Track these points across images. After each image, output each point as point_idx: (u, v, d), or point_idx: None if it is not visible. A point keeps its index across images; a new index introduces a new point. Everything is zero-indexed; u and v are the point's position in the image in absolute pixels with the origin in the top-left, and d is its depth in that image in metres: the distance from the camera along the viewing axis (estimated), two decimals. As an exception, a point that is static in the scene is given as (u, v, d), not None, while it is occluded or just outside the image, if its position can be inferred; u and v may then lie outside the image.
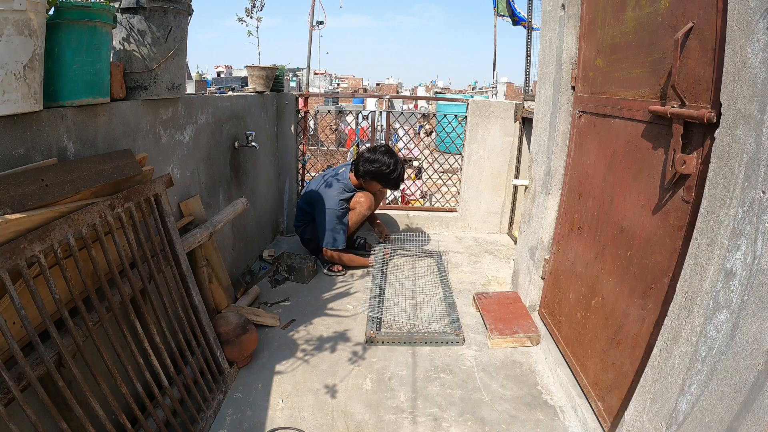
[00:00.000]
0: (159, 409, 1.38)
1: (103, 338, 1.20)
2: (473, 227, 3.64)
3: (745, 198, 0.91)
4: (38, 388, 0.95)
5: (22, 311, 0.93)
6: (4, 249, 0.91)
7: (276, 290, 2.53)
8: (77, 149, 1.30)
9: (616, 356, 1.45)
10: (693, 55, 1.14)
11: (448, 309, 2.30)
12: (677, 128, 1.17)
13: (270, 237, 3.24)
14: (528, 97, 3.47)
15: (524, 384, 1.80)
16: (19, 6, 1.00)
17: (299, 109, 3.39)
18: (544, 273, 2.15)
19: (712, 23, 1.06)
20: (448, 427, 1.57)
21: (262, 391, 1.70)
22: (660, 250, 1.26)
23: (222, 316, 1.85)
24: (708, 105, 1.08)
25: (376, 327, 2.12)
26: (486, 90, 16.62)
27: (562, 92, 1.99)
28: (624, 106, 1.50)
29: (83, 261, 1.17)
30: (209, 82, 9.06)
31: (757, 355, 0.85)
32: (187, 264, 1.65)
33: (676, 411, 1.06)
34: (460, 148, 3.63)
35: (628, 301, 1.41)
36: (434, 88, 26.49)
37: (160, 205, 1.53)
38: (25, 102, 1.06)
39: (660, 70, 1.31)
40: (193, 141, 1.99)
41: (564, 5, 1.96)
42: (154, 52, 1.58)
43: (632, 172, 1.44)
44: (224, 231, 2.33)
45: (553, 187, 2.07)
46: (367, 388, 1.75)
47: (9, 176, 1.01)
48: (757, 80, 0.88)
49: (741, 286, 0.90)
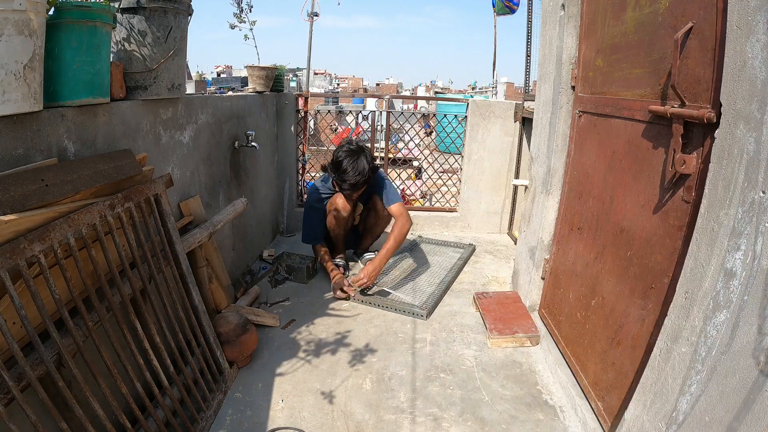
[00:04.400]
0: (159, 409, 1.38)
1: (103, 338, 1.20)
2: (473, 227, 3.64)
3: (745, 198, 0.91)
4: (38, 388, 0.95)
5: (22, 311, 0.93)
6: (4, 249, 0.91)
7: (276, 290, 2.53)
8: (77, 149, 1.30)
9: (616, 356, 1.45)
10: (693, 55, 1.14)
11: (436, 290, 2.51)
12: (677, 128, 1.17)
13: (270, 237, 3.24)
14: (528, 97, 3.46)
15: (524, 384, 1.80)
16: (19, 6, 1.00)
17: (299, 109, 3.39)
18: (544, 273, 2.15)
19: (712, 23, 1.06)
20: (448, 427, 1.57)
21: (262, 391, 1.70)
22: (660, 250, 1.26)
23: (222, 316, 1.85)
24: (708, 105, 1.08)
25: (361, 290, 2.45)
26: (486, 90, 16.61)
27: (562, 92, 1.99)
28: (624, 106, 1.50)
29: (83, 261, 1.17)
30: (209, 82, 9.04)
31: (757, 355, 0.85)
32: (187, 264, 1.65)
33: (676, 411, 1.06)
34: (460, 148, 3.63)
35: (628, 301, 1.41)
36: (434, 88, 26.49)
37: (160, 205, 1.53)
38: (25, 102, 1.06)
39: (660, 70, 1.30)
40: (193, 141, 1.99)
41: (564, 5, 1.96)
42: (154, 52, 1.58)
43: (632, 172, 1.44)
44: (224, 231, 2.33)
45: (553, 187, 2.07)
46: (367, 388, 1.75)
47: (9, 176, 1.01)
48: (757, 80, 0.88)
49: (741, 286, 0.90)
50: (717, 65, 1.04)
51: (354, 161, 2.40)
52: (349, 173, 2.40)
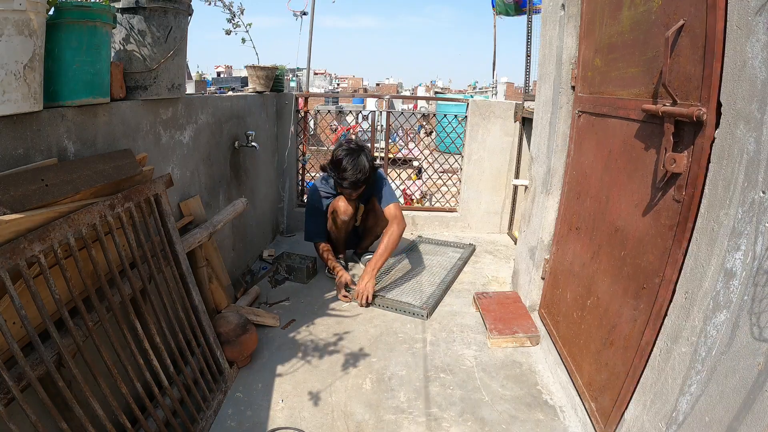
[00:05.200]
0: (159, 409, 1.38)
1: (103, 338, 1.20)
2: (473, 227, 3.64)
3: (745, 198, 0.91)
4: (38, 388, 0.95)
5: (22, 311, 0.93)
6: (4, 249, 0.91)
7: (276, 290, 2.53)
8: (77, 149, 1.30)
9: (609, 357, 1.45)
10: (684, 53, 1.14)
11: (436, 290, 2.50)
12: (668, 127, 1.16)
13: (270, 237, 3.24)
14: (528, 97, 3.46)
15: (524, 384, 1.80)
16: (19, 6, 1.00)
17: (299, 109, 3.39)
18: (543, 273, 2.15)
19: (703, 20, 1.05)
20: (448, 427, 1.57)
21: (262, 391, 1.70)
22: (652, 250, 1.26)
23: (222, 316, 1.85)
24: (698, 103, 1.07)
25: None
26: (486, 90, 16.60)
27: (562, 92, 1.99)
28: (620, 106, 1.50)
29: (83, 261, 1.17)
30: (209, 82, 9.06)
31: (757, 355, 0.85)
32: (187, 264, 1.65)
33: (676, 411, 1.06)
34: (460, 148, 3.63)
35: (622, 302, 1.41)
36: (434, 88, 26.49)
37: (160, 205, 1.53)
38: (25, 102, 1.06)
39: (653, 69, 1.30)
40: (193, 141, 1.99)
41: (564, 5, 1.96)
42: (154, 52, 1.58)
43: (627, 172, 1.44)
44: (224, 231, 2.33)
45: (553, 187, 2.07)
46: (367, 388, 1.75)
47: (9, 176, 1.01)
48: (757, 80, 0.88)
49: (741, 286, 0.90)
50: (707, 62, 1.03)
51: (354, 159, 2.38)
52: (349, 171, 2.37)
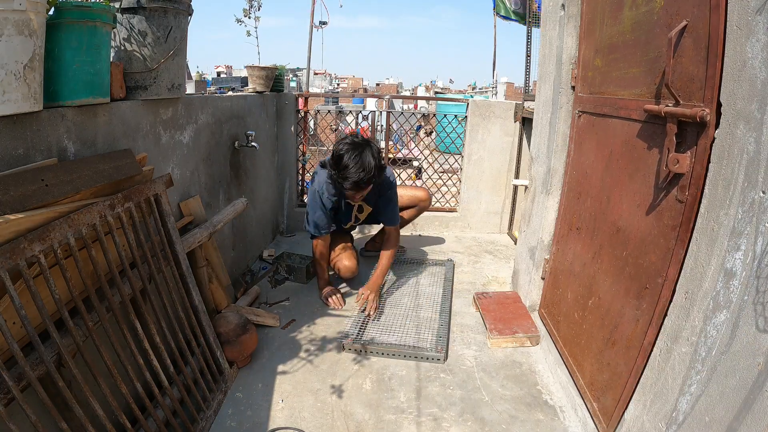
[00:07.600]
0: (159, 409, 1.38)
1: (103, 338, 1.20)
2: (473, 227, 3.64)
3: (745, 198, 0.91)
4: (38, 388, 0.95)
5: (22, 311, 0.93)
6: (4, 249, 0.91)
7: (276, 290, 2.53)
8: (77, 149, 1.30)
9: (611, 356, 1.45)
10: (687, 54, 1.14)
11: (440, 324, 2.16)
12: (671, 127, 1.17)
13: (270, 237, 3.24)
14: (528, 97, 3.46)
15: (524, 384, 1.80)
16: (19, 6, 1.00)
17: (299, 109, 3.39)
18: (544, 273, 2.15)
19: (706, 21, 1.05)
20: (448, 427, 1.57)
21: (262, 391, 1.70)
22: (654, 250, 1.26)
23: (222, 316, 1.85)
24: (701, 103, 1.08)
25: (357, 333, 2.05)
26: (486, 90, 16.60)
27: (562, 92, 1.99)
28: (621, 106, 1.50)
29: (83, 261, 1.17)
30: (209, 82, 9.05)
31: (757, 355, 0.85)
32: (187, 264, 1.65)
33: (676, 411, 1.06)
34: (460, 148, 3.63)
35: (624, 302, 1.41)
36: (434, 88, 26.47)
37: (160, 205, 1.53)
38: (25, 102, 1.06)
39: (655, 69, 1.30)
40: (193, 141, 1.99)
41: (564, 5, 1.96)
42: (154, 52, 1.58)
43: (628, 172, 1.44)
44: (224, 231, 2.33)
45: (553, 187, 2.07)
46: (367, 388, 1.75)
47: (9, 176, 1.01)
48: (757, 80, 0.88)
49: (741, 286, 0.90)
50: (710, 63, 1.04)
51: (357, 156, 2.04)
52: (351, 169, 2.03)
